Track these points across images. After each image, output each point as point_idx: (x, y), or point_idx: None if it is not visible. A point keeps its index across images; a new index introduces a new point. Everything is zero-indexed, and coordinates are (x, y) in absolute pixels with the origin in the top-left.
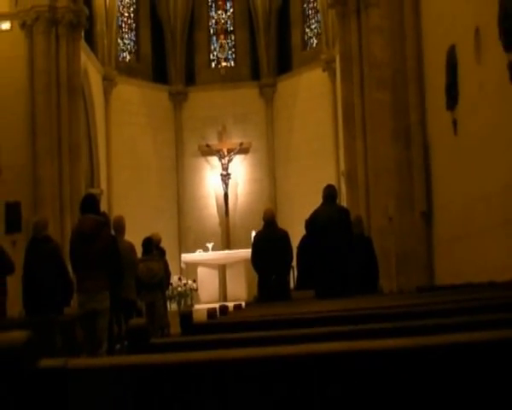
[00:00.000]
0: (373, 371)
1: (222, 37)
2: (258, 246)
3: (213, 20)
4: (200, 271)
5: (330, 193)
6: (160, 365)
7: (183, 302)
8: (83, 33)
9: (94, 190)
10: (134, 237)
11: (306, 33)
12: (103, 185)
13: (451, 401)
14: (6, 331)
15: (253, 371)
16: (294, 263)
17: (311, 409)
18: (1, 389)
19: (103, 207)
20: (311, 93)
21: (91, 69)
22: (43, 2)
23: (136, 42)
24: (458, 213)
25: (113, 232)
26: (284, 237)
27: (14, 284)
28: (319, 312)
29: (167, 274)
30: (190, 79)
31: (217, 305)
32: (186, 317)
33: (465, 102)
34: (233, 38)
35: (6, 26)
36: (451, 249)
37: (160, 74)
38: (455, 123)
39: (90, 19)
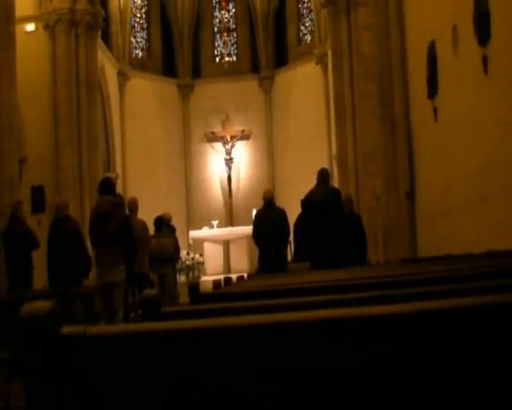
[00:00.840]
0: (362, 335)
1: (225, 34)
2: (258, 223)
3: (217, 20)
4: (206, 246)
5: (323, 175)
6: (171, 331)
7: (191, 275)
8: (99, 33)
9: (110, 174)
10: (146, 215)
11: (301, 30)
12: (119, 170)
13: (431, 360)
14: (32, 302)
15: (254, 336)
16: (292, 238)
17: (309, 371)
18: (27, 352)
19: (119, 189)
20: (305, 84)
21: (107, 65)
22: (64, 6)
23: (148, 40)
24: (438, 192)
25: (127, 212)
26: (282, 214)
27: (40, 259)
28: (313, 282)
29: (177, 249)
30: (196, 72)
31: (221, 277)
32: (194, 288)
33: (444, 92)
34: (235, 35)
35: (31, 27)
36: (432, 225)
37: (169, 69)
38: (435, 111)
39: (106, 20)
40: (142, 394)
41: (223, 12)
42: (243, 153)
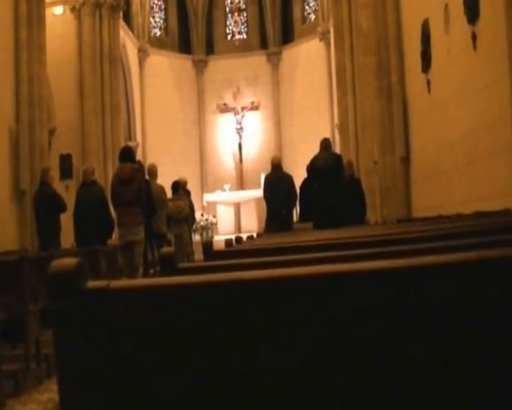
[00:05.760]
0: (363, 289)
1: (236, 14)
2: (267, 184)
3: (228, 0)
4: (219, 208)
5: (326, 144)
6: (187, 285)
7: (205, 234)
8: (121, 14)
9: (131, 143)
10: (164, 180)
11: (305, 10)
12: (139, 138)
13: (423, 309)
14: (60, 259)
15: (263, 289)
16: (297, 200)
17: (312, 323)
18: (57, 304)
19: (139, 156)
20: (309, 59)
21: (128, 43)
22: None
23: (165, 20)
24: (430, 157)
25: (147, 177)
26: (289, 178)
27: (67, 221)
28: (316, 240)
29: (192, 211)
30: (210, 49)
31: (233, 236)
32: (208, 246)
33: (436, 66)
34: (245, 14)
35: (59, 10)
36: (425, 186)
37: (184, 46)
38: (428, 83)
39: (127, 1)
40: (158, 340)
41: None
42: (253, 122)
